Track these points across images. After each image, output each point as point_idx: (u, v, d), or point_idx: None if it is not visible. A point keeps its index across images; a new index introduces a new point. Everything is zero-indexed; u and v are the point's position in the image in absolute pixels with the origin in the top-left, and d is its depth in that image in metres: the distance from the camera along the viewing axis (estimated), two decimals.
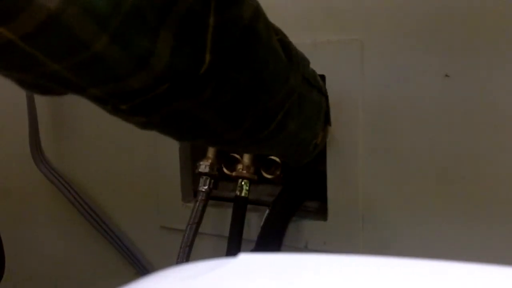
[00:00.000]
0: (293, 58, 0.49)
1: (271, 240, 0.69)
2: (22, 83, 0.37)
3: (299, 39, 0.66)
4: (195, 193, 0.76)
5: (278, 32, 0.48)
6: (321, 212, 0.72)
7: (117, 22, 0.32)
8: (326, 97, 0.60)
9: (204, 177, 0.73)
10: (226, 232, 0.71)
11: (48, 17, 0.30)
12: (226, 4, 0.38)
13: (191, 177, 0.81)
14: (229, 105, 0.44)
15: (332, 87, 0.66)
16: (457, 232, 0.64)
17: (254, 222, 0.74)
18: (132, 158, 0.84)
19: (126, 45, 0.33)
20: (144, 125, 0.43)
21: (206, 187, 0.73)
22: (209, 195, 0.73)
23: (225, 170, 0.78)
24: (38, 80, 0.36)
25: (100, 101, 0.39)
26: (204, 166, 0.73)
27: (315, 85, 0.56)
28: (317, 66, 0.62)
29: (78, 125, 0.88)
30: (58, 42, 0.32)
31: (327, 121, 0.62)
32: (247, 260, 0.28)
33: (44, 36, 0.31)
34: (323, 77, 0.66)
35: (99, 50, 0.32)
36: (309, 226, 0.72)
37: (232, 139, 0.49)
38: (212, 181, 0.73)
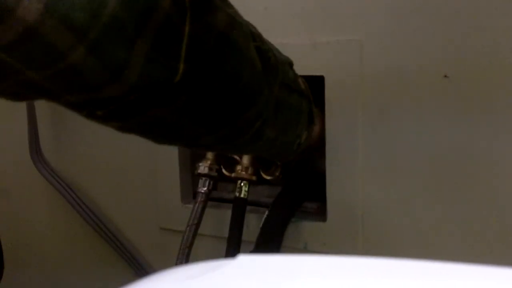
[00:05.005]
0: (271, 65, 0.49)
1: (271, 241, 0.69)
2: None
3: (298, 39, 0.66)
4: (195, 194, 0.75)
5: (256, 38, 0.47)
6: (321, 213, 0.72)
7: (95, 33, 0.32)
8: (309, 98, 0.60)
9: (204, 178, 0.73)
10: (226, 233, 0.71)
11: (26, 29, 0.30)
12: (201, 13, 0.38)
13: (190, 178, 0.81)
14: (203, 113, 0.44)
15: (331, 88, 0.66)
16: (457, 233, 0.64)
17: (254, 223, 0.74)
18: (131, 160, 0.84)
19: (103, 56, 0.34)
20: (121, 130, 0.43)
21: (205, 188, 0.73)
22: (208, 196, 0.73)
23: (224, 171, 0.78)
24: (13, 88, 0.36)
25: (76, 107, 0.39)
26: (203, 167, 0.73)
27: (296, 89, 0.56)
28: (316, 66, 0.62)
29: (77, 126, 0.88)
30: (35, 53, 0.32)
31: (311, 120, 0.62)
32: (246, 262, 0.28)
33: (21, 47, 0.31)
34: (321, 78, 0.66)
35: (75, 61, 0.33)
36: (308, 227, 0.72)
37: (207, 144, 0.50)
38: (212, 182, 0.73)
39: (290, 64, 0.57)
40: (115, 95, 0.37)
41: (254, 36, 0.47)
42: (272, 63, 0.50)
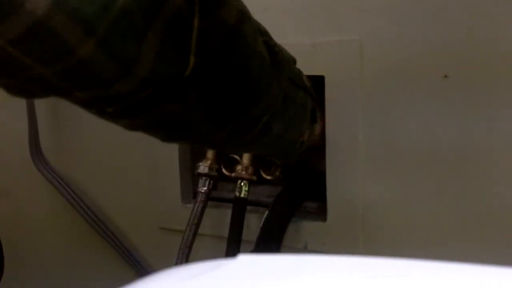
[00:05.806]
0: (278, 60, 0.49)
1: (271, 241, 0.69)
2: (8, 88, 0.37)
3: (298, 39, 0.66)
4: (195, 194, 0.75)
5: (263, 34, 0.48)
6: (321, 213, 0.72)
7: (105, 27, 0.32)
8: (312, 96, 0.60)
9: (204, 178, 0.73)
10: (226, 233, 0.71)
11: (34, 23, 0.30)
12: (210, 7, 0.38)
13: (190, 178, 0.81)
14: (213, 107, 0.44)
15: (331, 88, 0.66)
16: (457, 233, 0.64)
17: (254, 223, 0.74)
18: (132, 159, 0.84)
19: (113, 51, 0.33)
20: (131, 127, 0.43)
21: (205, 188, 0.73)
22: (208, 196, 0.73)
23: (224, 171, 0.78)
24: (24, 85, 0.36)
25: (86, 104, 0.39)
26: (203, 167, 0.73)
27: (301, 85, 0.56)
28: (316, 66, 0.62)
29: (77, 126, 0.88)
30: (44, 47, 0.32)
31: (313, 119, 0.62)
32: (246, 261, 0.28)
33: (29, 41, 0.31)
34: (322, 78, 0.66)
35: (84, 56, 0.32)
36: (308, 227, 0.72)
37: (216, 141, 0.50)
38: (212, 182, 0.73)
39: (294, 61, 0.57)
40: (126, 91, 0.37)
41: (261, 31, 0.47)
42: (280, 58, 0.50)
